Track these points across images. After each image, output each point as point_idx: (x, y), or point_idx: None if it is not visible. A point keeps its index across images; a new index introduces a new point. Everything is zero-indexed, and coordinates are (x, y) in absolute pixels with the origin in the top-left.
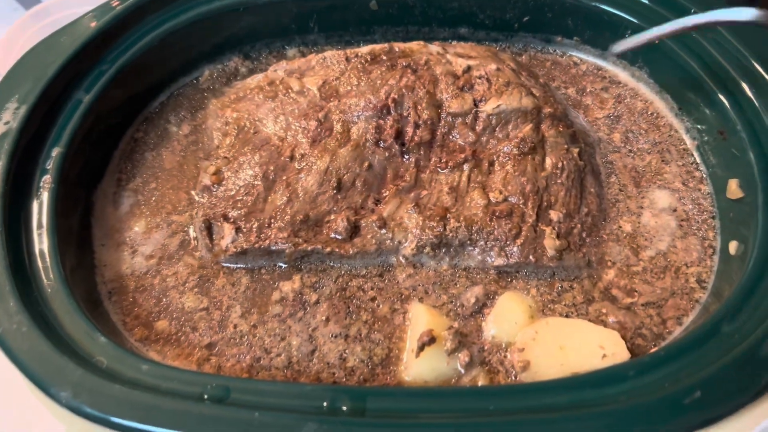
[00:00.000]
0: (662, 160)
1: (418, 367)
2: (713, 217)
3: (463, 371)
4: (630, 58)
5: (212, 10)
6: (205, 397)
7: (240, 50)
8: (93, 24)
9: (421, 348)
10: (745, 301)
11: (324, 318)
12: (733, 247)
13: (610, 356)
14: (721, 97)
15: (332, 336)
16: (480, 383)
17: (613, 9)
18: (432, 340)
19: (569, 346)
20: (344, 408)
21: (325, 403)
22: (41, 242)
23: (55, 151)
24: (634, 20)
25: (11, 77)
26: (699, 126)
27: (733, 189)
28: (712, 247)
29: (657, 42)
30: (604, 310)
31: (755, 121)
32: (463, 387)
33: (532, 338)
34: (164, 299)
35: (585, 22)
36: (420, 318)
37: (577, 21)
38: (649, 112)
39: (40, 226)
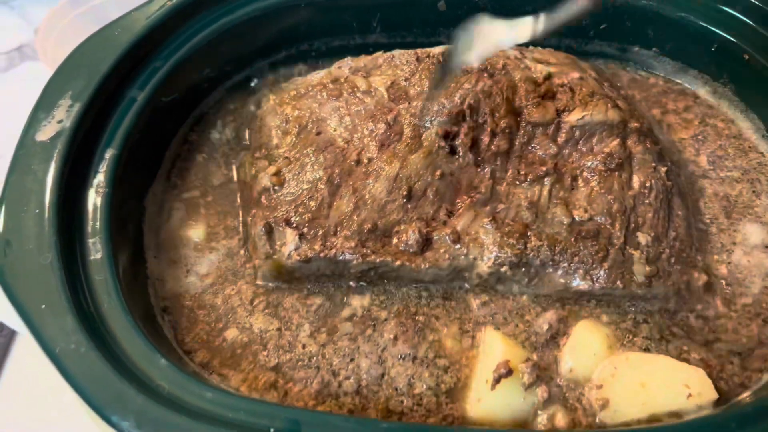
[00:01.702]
0: (752, 191)
1: (493, 401)
2: None
3: (541, 408)
4: (714, 73)
5: (271, 5)
6: (272, 430)
7: (296, 48)
8: (146, 18)
9: (497, 380)
10: None
11: (392, 336)
12: None
13: (696, 396)
14: None
15: (401, 357)
16: (558, 422)
17: (700, 20)
18: (509, 372)
19: (651, 383)
20: None
21: None
22: (96, 252)
23: (109, 153)
24: (722, 33)
25: (63, 72)
26: None
27: None
28: None
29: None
30: (685, 347)
31: None
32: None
33: (611, 374)
34: (224, 318)
35: (666, 33)
36: (494, 347)
37: (657, 31)
38: (733, 134)
39: (94, 233)
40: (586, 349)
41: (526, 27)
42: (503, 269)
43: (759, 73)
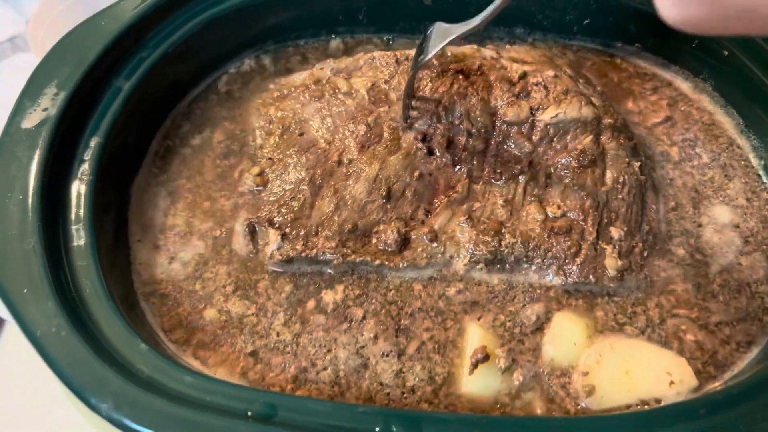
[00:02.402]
0: (725, 176)
1: (472, 385)
2: None
3: (518, 390)
4: (695, 68)
5: None
6: (250, 414)
7: (284, 39)
8: (134, 8)
9: (474, 365)
10: None
11: (372, 335)
12: None
13: (678, 383)
14: None
15: (383, 354)
16: (535, 404)
17: None
18: (486, 357)
19: (635, 371)
20: None
21: (377, 428)
22: (79, 238)
23: (94, 141)
24: None
25: (50, 61)
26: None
27: None
28: None
29: None
30: (683, 327)
31: None
32: (523, 417)
33: (597, 362)
34: (204, 303)
35: (648, 29)
36: (473, 335)
37: (640, 27)
38: (711, 127)
39: (78, 220)
40: (566, 339)
41: (473, 21)
42: (478, 266)
43: (737, 69)
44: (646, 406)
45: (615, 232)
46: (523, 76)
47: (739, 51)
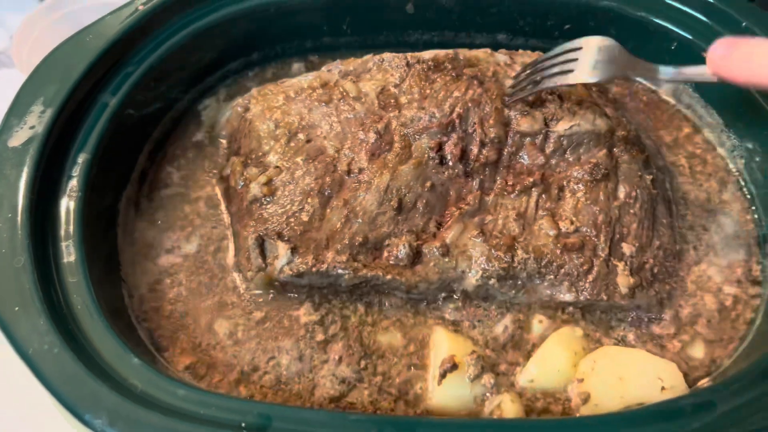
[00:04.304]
0: (717, 182)
1: (441, 395)
2: (765, 240)
3: (488, 397)
4: None
5: (241, 9)
6: (244, 425)
7: (269, 51)
8: (119, 23)
9: (443, 375)
10: None
11: (337, 358)
12: None
13: (669, 389)
14: None
15: (354, 372)
16: (506, 410)
17: (659, 20)
18: (454, 366)
19: (628, 376)
20: None
21: None
22: (69, 254)
23: (82, 157)
24: (681, 32)
25: (35, 78)
26: (746, 144)
27: None
28: (765, 273)
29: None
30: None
31: None
32: (518, 420)
33: (591, 368)
34: (193, 317)
35: (628, 32)
36: (441, 344)
37: (620, 31)
38: (693, 129)
39: (67, 236)
40: (552, 365)
41: (650, 69)
42: (491, 282)
43: None
44: None
45: (627, 248)
46: None
47: None
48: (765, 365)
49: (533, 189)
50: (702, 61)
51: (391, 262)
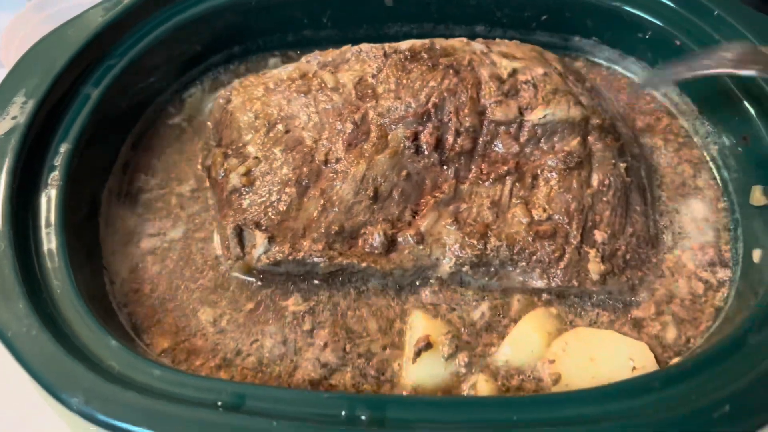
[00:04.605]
0: (691, 167)
1: (416, 373)
2: (736, 225)
3: (463, 373)
4: (650, 58)
5: (222, 3)
6: (219, 404)
7: (251, 44)
8: (101, 17)
9: (417, 353)
10: None
11: (323, 343)
12: (756, 255)
13: (640, 369)
14: (745, 102)
15: (337, 358)
16: (480, 388)
17: (633, 9)
18: (428, 345)
19: (599, 357)
20: (363, 417)
21: (343, 412)
22: (49, 242)
23: (63, 147)
24: (655, 20)
25: (18, 71)
26: (719, 131)
27: (757, 196)
28: (736, 256)
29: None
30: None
31: None
32: (487, 397)
33: (563, 349)
34: (176, 304)
35: (604, 22)
36: (417, 325)
37: (596, 21)
38: (670, 117)
39: (48, 224)
40: (525, 344)
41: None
42: (464, 269)
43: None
44: None
45: (599, 236)
46: (513, 73)
47: (689, 39)
48: (727, 343)
49: (507, 177)
50: (677, 49)
51: (366, 250)
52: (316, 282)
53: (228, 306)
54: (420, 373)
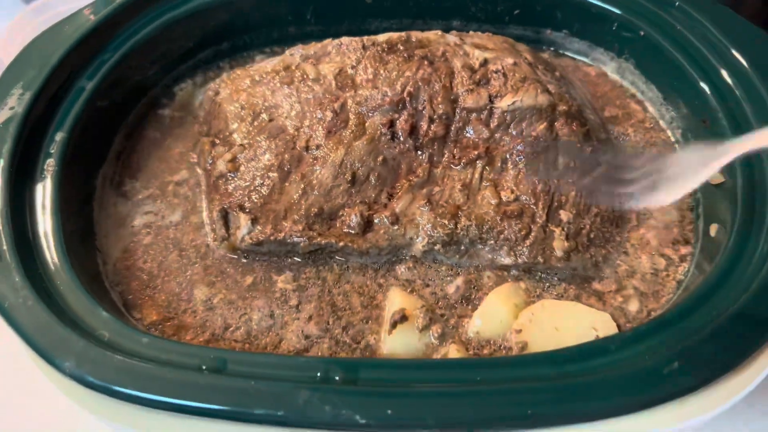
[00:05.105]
0: (657, 151)
1: (392, 344)
2: (697, 204)
3: (436, 345)
4: (617, 49)
5: (211, 1)
6: (204, 368)
7: (237, 40)
8: (94, 14)
9: (393, 325)
10: (723, 280)
11: (308, 317)
12: (713, 230)
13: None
14: (703, 85)
15: (319, 331)
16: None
17: (600, 2)
18: (404, 318)
19: (564, 327)
20: (337, 378)
21: (318, 374)
22: (45, 223)
23: (59, 136)
24: (619, 12)
25: (16, 65)
26: (683, 115)
27: (716, 175)
28: (697, 234)
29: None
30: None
31: (735, 109)
32: (451, 359)
33: (529, 320)
34: (165, 283)
35: (573, 15)
36: (394, 299)
37: (565, 14)
38: (637, 103)
39: (44, 207)
40: (494, 316)
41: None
42: (436, 247)
43: (654, 47)
44: None
45: (564, 215)
46: (484, 63)
47: (653, 30)
48: (679, 308)
49: (478, 161)
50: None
51: (344, 230)
52: (299, 260)
53: (220, 285)
54: (395, 343)
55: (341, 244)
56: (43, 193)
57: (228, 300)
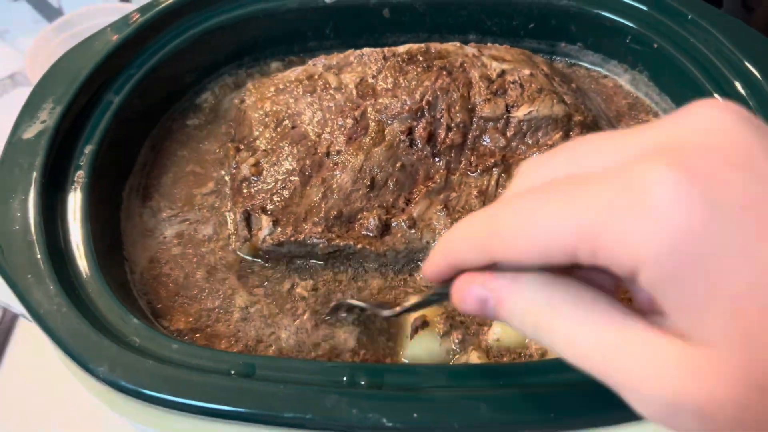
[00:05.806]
0: None
1: (413, 350)
2: None
3: (457, 352)
4: (631, 61)
5: (233, 17)
6: (233, 372)
7: (259, 54)
8: (120, 32)
9: (414, 331)
10: None
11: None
12: None
13: None
14: (717, 96)
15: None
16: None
17: (613, 15)
18: (425, 324)
19: None
20: (362, 382)
21: (344, 378)
22: (76, 233)
23: (88, 149)
24: (633, 25)
25: (46, 81)
26: None
27: None
28: None
29: None
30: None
31: None
32: (474, 364)
33: None
34: (193, 293)
35: (587, 28)
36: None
37: (579, 27)
38: (652, 115)
39: (74, 217)
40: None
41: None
42: None
43: (667, 59)
44: None
45: None
46: (501, 74)
47: (665, 42)
48: None
49: (494, 169)
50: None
51: (362, 233)
52: (316, 262)
53: (245, 293)
54: (416, 349)
55: (359, 246)
56: (74, 204)
57: (260, 312)
